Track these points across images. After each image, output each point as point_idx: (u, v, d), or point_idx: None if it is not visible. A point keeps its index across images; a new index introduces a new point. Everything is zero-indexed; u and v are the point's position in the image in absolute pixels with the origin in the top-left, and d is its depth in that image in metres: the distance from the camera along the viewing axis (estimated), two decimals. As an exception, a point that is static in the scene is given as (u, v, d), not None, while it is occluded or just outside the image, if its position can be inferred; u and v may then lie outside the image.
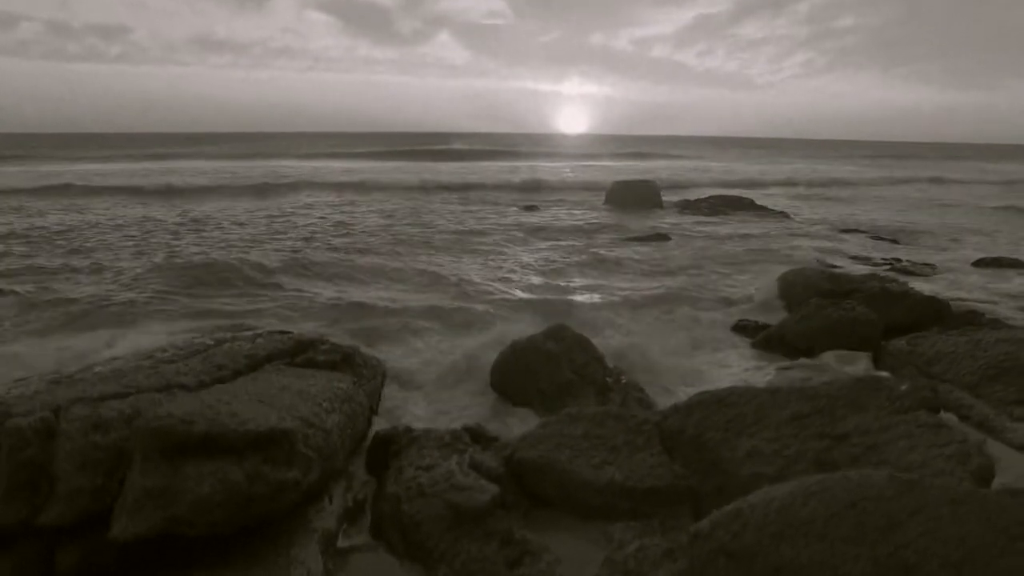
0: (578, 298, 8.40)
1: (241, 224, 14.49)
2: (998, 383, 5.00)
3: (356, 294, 8.47)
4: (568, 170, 33.24)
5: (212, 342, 5.15)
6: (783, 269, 8.92)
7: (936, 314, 7.13)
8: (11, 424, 2.83)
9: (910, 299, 7.18)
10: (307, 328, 6.75)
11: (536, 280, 9.52)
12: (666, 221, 16.04)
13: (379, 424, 4.53)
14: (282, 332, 5.43)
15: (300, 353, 4.77)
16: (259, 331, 5.39)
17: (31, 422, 2.87)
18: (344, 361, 4.77)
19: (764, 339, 6.76)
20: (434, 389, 5.47)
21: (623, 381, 5.30)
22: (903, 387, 3.57)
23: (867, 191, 26.17)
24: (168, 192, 21.16)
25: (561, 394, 5.12)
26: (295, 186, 23.07)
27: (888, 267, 10.50)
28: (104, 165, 34.92)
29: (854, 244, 13.07)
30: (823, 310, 6.61)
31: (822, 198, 22.71)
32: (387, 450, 4.01)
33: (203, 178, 24.86)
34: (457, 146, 57.51)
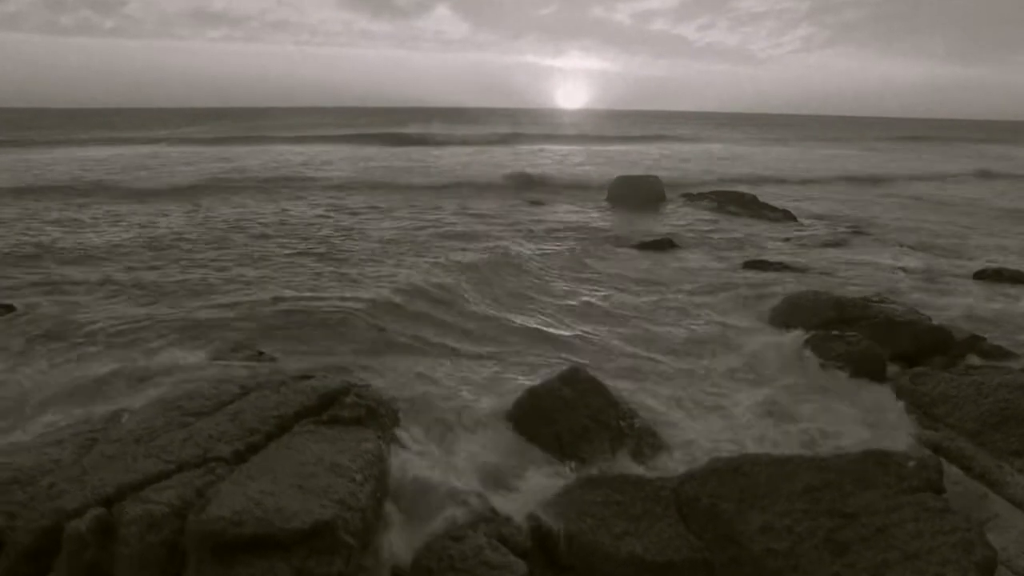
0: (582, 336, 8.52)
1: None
2: (999, 432, 5.19)
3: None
4: (568, 157, 33.03)
5: (238, 390, 5.32)
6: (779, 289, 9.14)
7: (940, 344, 7.32)
8: (71, 529, 2.99)
9: (914, 328, 7.36)
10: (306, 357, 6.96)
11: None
12: (668, 222, 16.15)
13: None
14: (304, 377, 5.59)
15: (325, 408, 4.93)
16: (282, 377, 5.54)
17: (88, 524, 3.03)
18: (368, 415, 4.93)
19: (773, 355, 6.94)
20: (451, 428, 5.65)
21: (636, 426, 5.49)
22: (911, 463, 3.75)
23: (905, 187, 24.76)
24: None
25: (578, 440, 5.30)
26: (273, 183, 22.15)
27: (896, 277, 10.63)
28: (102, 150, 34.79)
29: (856, 250, 13.20)
30: (828, 343, 6.78)
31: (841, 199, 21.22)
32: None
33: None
34: (458, 130, 56.35)
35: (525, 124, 78.66)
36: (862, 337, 6.88)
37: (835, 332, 6.97)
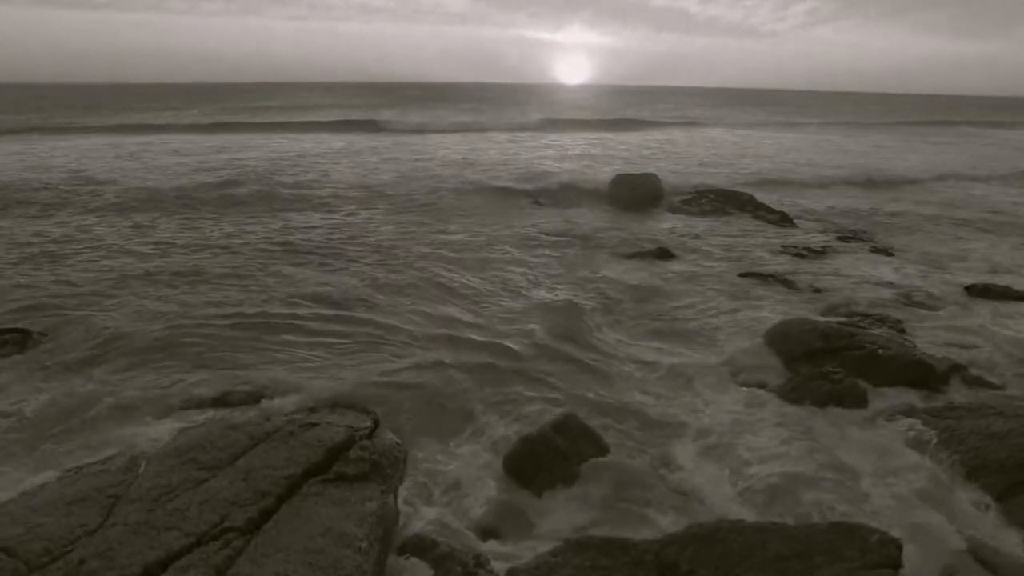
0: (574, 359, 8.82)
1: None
2: (969, 482, 5.50)
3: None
4: (567, 150, 32.66)
5: (248, 440, 5.62)
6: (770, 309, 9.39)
7: (921, 377, 7.60)
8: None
9: (897, 362, 7.62)
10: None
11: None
12: (665, 226, 16.34)
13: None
14: (310, 425, 5.89)
15: (332, 461, 5.24)
16: (290, 426, 5.84)
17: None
18: (372, 469, 5.23)
19: (760, 403, 7.24)
20: (451, 481, 5.94)
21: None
22: (874, 538, 4.05)
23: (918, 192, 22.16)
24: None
25: (569, 485, 5.65)
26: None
27: (884, 295, 10.85)
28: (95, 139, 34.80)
29: (850, 260, 13.40)
30: (813, 381, 7.07)
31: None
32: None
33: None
34: (459, 116, 55.67)
35: (526, 104, 78.08)
36: (845, 374, 7.17)
37: (820, 369, 7.26)
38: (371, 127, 45.51)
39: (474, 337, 8.90)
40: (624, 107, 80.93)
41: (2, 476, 6.11)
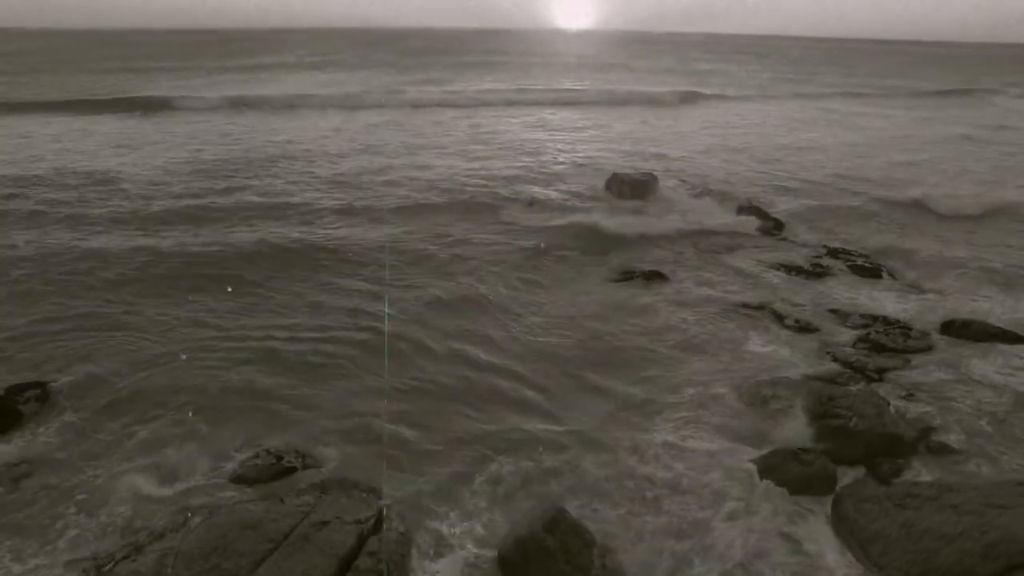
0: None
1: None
2: (919, 584, 6.09)
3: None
4: (565, 142, 29.71)
5: (268, 545, 6.17)
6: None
7: (889, 447, 8.17)
8: None
9: (867, 436, 8.15)
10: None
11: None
12: (658, 232, 16.60)
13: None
14: (322, 523, 6.44)
15: (344, 571, 5.83)
16: (303, 527, 6.38)
17: None
18: (380, 579, 5.81)
19: (737, 472, 7.79)
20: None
21: (607, 566, 6.40)
22: None
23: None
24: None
25: (557, 581, 6.25)
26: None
27: (863, 339, 11.24)
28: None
29: (836, 284, 13.75)
30: (787, 463, 7.61)
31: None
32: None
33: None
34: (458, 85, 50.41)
35: (512, 56, 75.14)
36: (816, 455, 7.72)
37: (794, 449, 7.81)
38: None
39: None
40: (630, 69, 76.76)
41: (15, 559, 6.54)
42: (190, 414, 8.76)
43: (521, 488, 7.46)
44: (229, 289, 12.60)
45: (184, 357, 10.10)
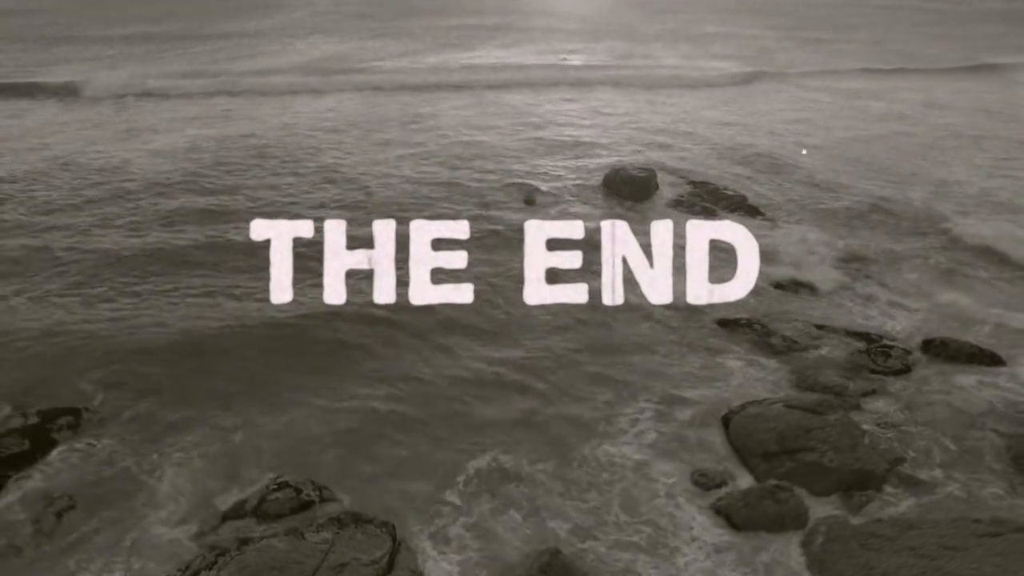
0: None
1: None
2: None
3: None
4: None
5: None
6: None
7: (861, 481, 8.87)
8: None
9: (840, 472, 8.84)
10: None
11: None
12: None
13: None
14: (341, 567, 7.16)
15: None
16: (323, 560, 7.10)
17: None
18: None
19: (714, 510, 8.53)
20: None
21: (599, 605, 7.15)
22: None
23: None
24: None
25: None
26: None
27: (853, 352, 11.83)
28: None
29: (824, 301, 14.21)
30: (763, 500, 8.32)
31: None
32: None
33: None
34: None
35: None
36: (791, 494, 8.43)
37: (770, 486, 8.51)
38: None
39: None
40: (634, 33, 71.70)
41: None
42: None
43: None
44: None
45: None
